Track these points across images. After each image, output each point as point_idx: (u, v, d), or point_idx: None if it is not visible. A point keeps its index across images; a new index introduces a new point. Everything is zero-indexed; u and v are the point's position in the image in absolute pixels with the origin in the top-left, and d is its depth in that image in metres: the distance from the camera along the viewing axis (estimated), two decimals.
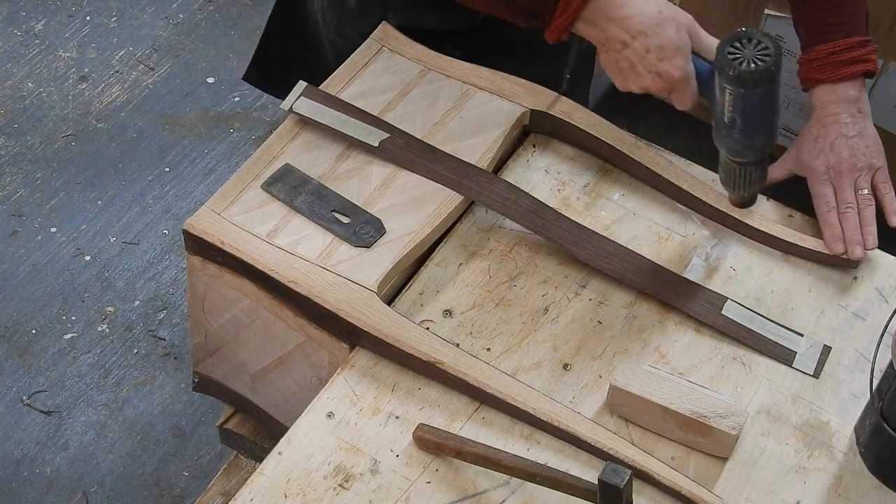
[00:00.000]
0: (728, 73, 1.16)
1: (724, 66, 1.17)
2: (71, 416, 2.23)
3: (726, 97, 1.19)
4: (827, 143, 1.41)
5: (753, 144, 1.24)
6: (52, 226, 2.52)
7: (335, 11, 1.61)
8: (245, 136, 2.71)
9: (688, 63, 1.26)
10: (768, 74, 1.16)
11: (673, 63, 1.25)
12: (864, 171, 1.40)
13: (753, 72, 1.15)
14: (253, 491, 1.16)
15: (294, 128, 1.42)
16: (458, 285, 1.33)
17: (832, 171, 1.40)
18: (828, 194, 1.39)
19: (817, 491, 1.19)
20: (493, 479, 1.17)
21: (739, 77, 1.16)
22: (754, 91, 1.17)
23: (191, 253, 1.34)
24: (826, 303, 1.34)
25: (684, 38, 1.25)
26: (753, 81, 1.16)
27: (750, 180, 1.29)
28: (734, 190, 1.31)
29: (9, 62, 2.83)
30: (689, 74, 1.26)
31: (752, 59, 1.16)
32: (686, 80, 1.26)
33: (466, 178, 1.37)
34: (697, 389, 1.22)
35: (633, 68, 1.27)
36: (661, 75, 1.26)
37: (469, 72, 1.48)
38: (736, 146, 1.24)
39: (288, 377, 1.39)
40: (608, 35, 1.26)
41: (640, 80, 1.27)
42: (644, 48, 1.25)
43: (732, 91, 1.18)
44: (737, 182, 1.30)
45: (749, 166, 1.27)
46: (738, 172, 1.28)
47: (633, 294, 1.33)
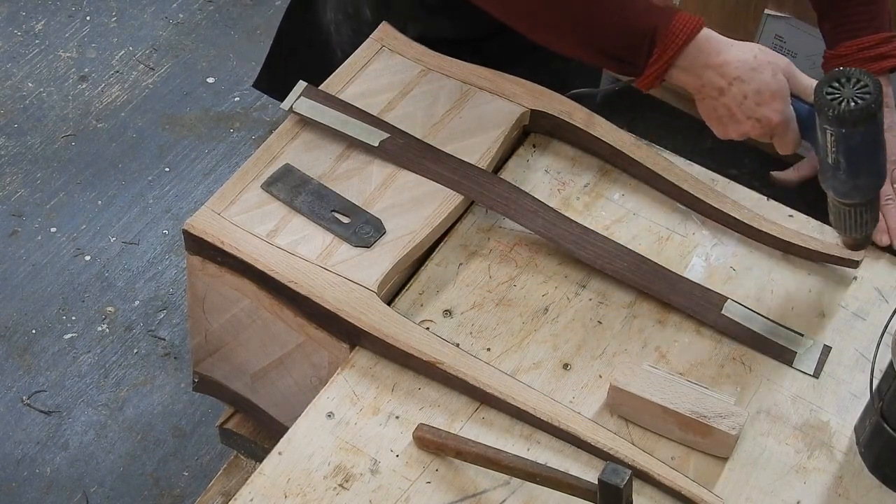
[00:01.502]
0: (828, 114, 1.15)
1: (824, 107, 1.15)
2: (71, 416, 2.23)
3: (828, 138, 1.17)
4: None
5: (860, 185, 1.22)
6: (52, 226, 2.52)
7: (350, 23, 1.61)
8: (245, 136, 2.72)
9: (787, 107, 1.25)
10: (869, 112, 1.15)
11: (772, 107, 1.24)
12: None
13: (854, 111, 1.14)
14: (253, 491, 1.16)
15: (294, 128, 1.42)
16: (458, 285, 1.33)
17: None
18: None
19: (817, 491, 1.19)
20: (493, 479, 1.17)
21: (840, 117, 1.15)
22: (856, 130, 1.16)
23: (191, 253, 1.34)
24: (826, 303, 1.34)
25: (781, 81, 1.24)
26: (854, 121, 1.15)
27: (861, 221, 1.27)
28: (846, 232, 1.30)
29: (9, 62, 2.83)
30: (789, 118, 1.25)
31: (851, 97, 1.14)
32: (786, 124, 1.25)
33: (466, 178, 1.37)
34: (697, 389, 1.22)
35: (732, 115, 1.26)
36: (760, 121, 1.25)
37: (469, 72, 1.48)
38: (843, 188, 1.22)
39: (288, 377, 1.39)
40: (704, 82, 1.25)
41: (740, 126, 1.26)
42: (741, 94, 1.24)
43: (834, 132, 1.16)
44: (847, 224, 1.28)
45: (858, 207, 1.25)
46: (848, 214, 1.26)
47: (633, 294, 1.33)
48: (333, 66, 1.67)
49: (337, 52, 1.68)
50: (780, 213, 1.42)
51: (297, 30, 1.74)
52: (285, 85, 1.74)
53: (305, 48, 1.74)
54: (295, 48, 1.76)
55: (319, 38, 1.70)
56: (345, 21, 1.62)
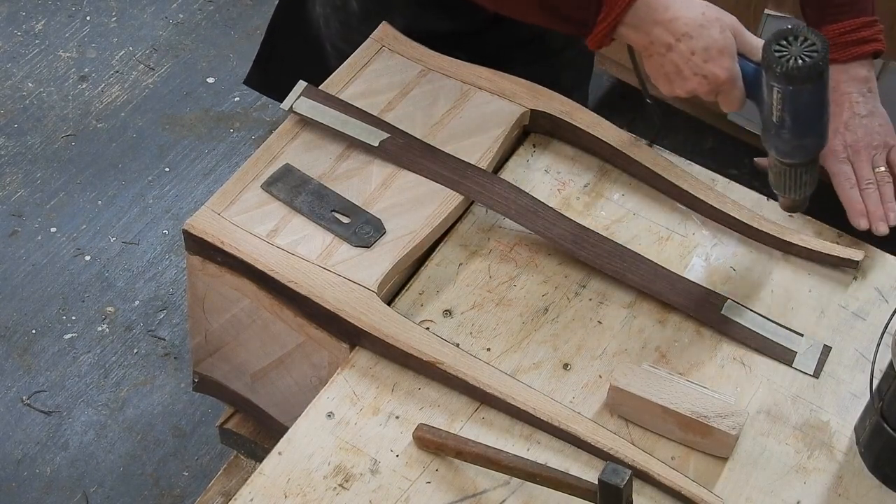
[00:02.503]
0: (775, 71, 1.16)
1: (772, 64, 1.16)
2: (71, 416, 2.23)
3: (774, 96, 1.18)
4: (841, 122, 1.41)
5: (803, 145, 1.23)
6: (52, 226, 2.52)
7: (338, 16, 1.61)
8: (245, 136, 2.71)
9: (734, 64, 1.25)
10: (816, 70, 1.15)
11: (719, 64, 1.24)
12: (880, 148, 1.40)
13: (801, 68, 1.15)
14: (253, 491, 1.16)
15: (294, 128, 1.42)
16: (458, 285, 1.33)
17: (850, 150, 1.40)
18: (847, 171, 1.39)
19: (817, 491, 1.19)
20: (493, 479, 1.17)
21: (787, 74, 1.15)
22: (803, 88, 1.17)
23: (191, 253, 1.34)
24: (826, 303, 1.34)
25: (729, 38, 1.25)
26: (801, 78, 1.15)
27: (800, 182, 1.28)
28: (784, 193, 1.31)
29: (9, 62, 2.83)
30: (736, 75, 1.25)
31: (799, 55, 1.15)
32: (732, 82, 1.25)
33: (466, 178, 1.37)
34: (697, 389, 1.22)
35: (679, 72, 1.26)
36: (706, 77, 1.25)
37: (469, 72, 1.48)
38: (785, 147, 1.23)
39: (288, 377, 1.39)
40: (652, 39, 1.26)
41: (686, 83, 1.27)
42: (689, 50, 1.24)
43: (780, 89, 1.17)
44: (787, 185, 1.29)
45: (799, 168, 1.26)
46: (788, 175, 1.27)
47: (633, 294, 1.33)
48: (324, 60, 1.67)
49: (326, 46, 1.68)
50: (780, 213, 1.42)
51: (287, 25, 1.74)
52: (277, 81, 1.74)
53: (296, 44, 1.74)
54: (285, 44, 1.76)
55: (310, 33, 1.70)
56: (333, 14, 1.62)
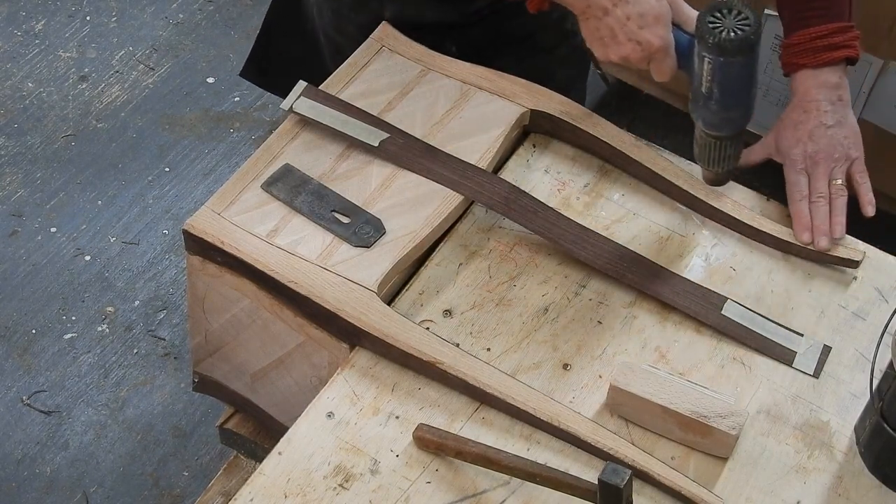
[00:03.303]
0: (708, 42, 1.18)
1: (704, 35, 1.18)
2: (71, 416, 2.23)
3: (705, 67, 1.20)
4: (806, 131, 1.41)
5: (730, 117, 1.25)
6: (52, 226, 2.52)
7: (331, 4, 1.61)
8: (245, 136, 2.71)
9: (668, 32, 1.26)
10: (748, 43, 1.17)
11: (653, 31, 1.25)
12: (841, 161, 1.40)
13: (733, 40, 1.17)
14: (253, 491, 1.16)
15: (294, 128, 1.42)
16: (458, 285, 1.33)
17: (809, 161, 1.41)
18: (801, 183, 1.40)
19: (817, 491, 1.19)
20: (493, 479, 1.17)
21: (719, 45, 1.17)
22: (733, 60, 1.18)
23: (191, 253, 1.34)
24: (826, 303, 1.34)
25: (665, 7, 1.26)
26: (733, 50, 1.17)
27: (724, 155, 1.30)
28: (708, 166, 1.32)
29: (9, 62, 2.83)
30: (669, 44, 1.27)
31: (732, 28, 1.17)
32: (665, 50, 1.27)
33: (466, 178, 1.37)
34: (697, 389, 1.22)
35: (614, 36, 1.27)
36: (640, 44, 1.26)
37: (469, 72, 1.48)
38: (713, 118, 1.25)
39: (288, 377, 1.39)
40: (589, 3, 1.27)
41: (620, 48, 1.28)
42: (625, 16, 1.25)
43: (711, 60, 1.19)
44: (711, 157, 1.31)
45: (724, 141, 1.28)
46: (714, 147, 1.29)
47: (633, 294, 1.33)
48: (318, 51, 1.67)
49: (320, 36, 1.68)
50: (780, 213, 1.42)
51: (283, 17, 1.75)
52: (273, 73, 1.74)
53: (291, 35, 1.74)
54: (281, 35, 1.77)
55: (305, 24, 1.71)
56: (326, 3, 1.62)
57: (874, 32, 2.01)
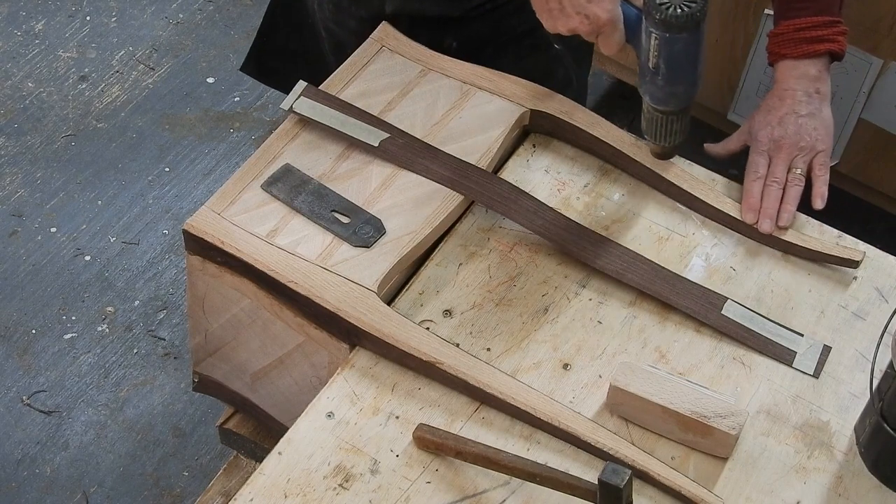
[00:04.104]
0: (655, 17, 1.19)
1: (651, 10, 1.19)
2: (71, 416, 2.23)
3: (652, 42, 1.22)
4: (777, 116, 1.42)
5: (676, 92, 1.26)
6: (52, 226, 2.52)
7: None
8: (245, 136, 2.71)
9: (615, 7, 1.27)
10: (694, 20, 1.19)
11: (601, 6, 1.26)
12: (805, 151, 1.41)
13: (680, 16, 1.18)
14: (253, 491, 1.16)
15: (294, 128, 1.42)
16: (458, 285, 1.33)
17: (773, 144, 1.42)
18: (760, 164, 1.41)
19: (817, 491, 1.19)
20: (493, 479, 1.17)
21: (665, 21, 1.19)
22: (679, 36, 1.20)
23: (191, 253, 1.34)
24: (826, 303, 1.34)
25: None
26: (679, 26, 1.19)
27: (671, 130, 1.31)
28: (655, 140, 1.34)
29: (9, 62, 2.83)
30: (617, 18, 1.28)
31: (679, 4, 1.18)
32: (613, 24, 1.28)
33: (466, 178, 1.37)
34: (697, 389, 1.22)
35: (562, 9, 1.28)
36: (588, 17, 1.27)
37: (469, 72, 1.48)
38: (659, 93, 1.27)
39: (288, 377, 1.39)
40: None
41: (569, 21, 1.29)
42: None
43: (658, 35, 1.20)
44: (658, 132, 1.32)
45: (671, 116, 1.30)
46: (661, 122, 1.31)
47: (633, 294, 1.33)
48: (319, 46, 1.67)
49: (321, 31, 1.68)
50: None
51: (282, 11, 1.75)
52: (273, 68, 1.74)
53: (292, 30, 1.75)
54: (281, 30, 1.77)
55: (305, 19, 1.71)
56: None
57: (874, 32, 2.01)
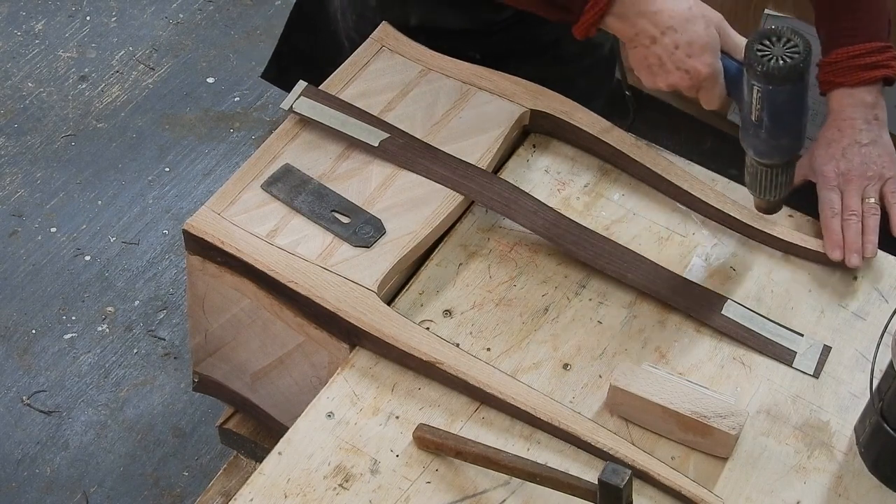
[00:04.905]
0: (756, 70, 1.17)
1: (753, 63, 1.17)
2: (71, 416, 2.23)
3: (754, 95, 1.19)
4: (839, 148, 1.40)
5: (780, 145, 1.24)
6: (52, 226, 2.52)
7: (355, 8, 1.61)
8: (245, 136, 2.71)
9: (716, 60, 1.26)
10: (797, 71, 1.17)
11: (701, 60, 1.25)
12: (874, 180, 1.39)
13: (782, 68, 1.16)
14: (253, 491, 1.16)
15: (294, 128, 1.42)
16: (458, 285, 1.33)
17: (841, 178, 1.39)
18: (834, 200, 1.39)
19: (817, 491, 1.19)
20: (493, 479, 1.17)
21: (768, 74, 1.17)
22: (782, 88, 1.18)
23: (191, 253, 1.34)
24: (826, 303, 1.34)
25: (713, 35, 1.26)
26: (782, 78, 1.17)
27: (776, 183, 1.29)
28: (760, 194, 1.31)
29: (9, 62, 2.83)
30: (718, 72, 1.26)
31: (781, 56, 1.16)
32: (714, 78, 1.26)
33: (466, 178, 1.37)
34: (697, 389, 1.22)
35: (662, 65, 1.27)
36: (689, 72, 1.26)
37: (469, 72, 1.48)
38: (763, 147, 1.24)
39: (288, 377, 1.39)
40: (637, 30, 1.26)
41: (669, 76, 1.27)
42: (673, 44, 1.25)
43: (761, 88, 1.18)
44: (762, 186, 1.30)
45: (775, 169, 1.27)
46: (765, 175, 1.28)
47: (633, 294, 1.33)
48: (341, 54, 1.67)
49: (343, 40, 1.67)
50: (781, 213, 1.42)
51: (305, 19, 1.74)
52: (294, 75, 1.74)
53: (313, 38, 1.74)
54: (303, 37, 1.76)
55: (328, 27, 1.70)
56: (349, 6, 1.62)
57: None
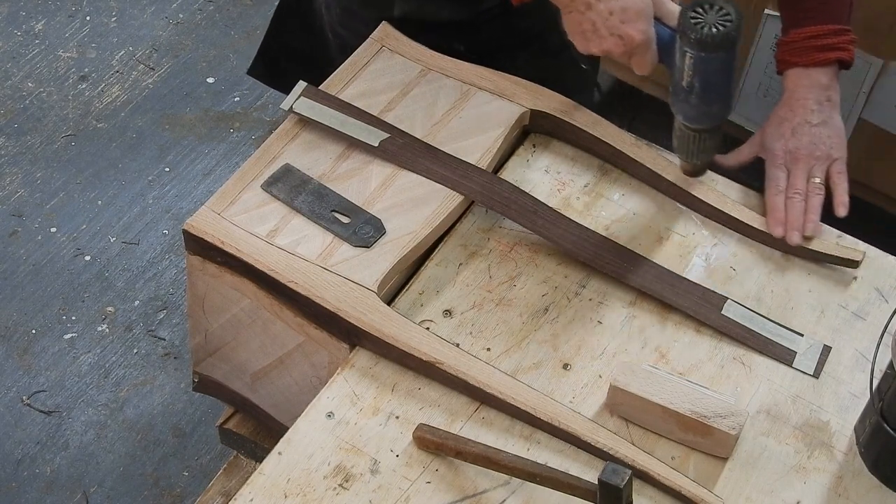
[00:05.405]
0: (689, 37, 1.20)
1: (686, 30, 1.20)
2: (71, 416, 2.23)
3: (686, 61, 1.22)
4: (790, 127, 1.42)
5: (710, 112, 1.27)
6: (52, 226, 2.52)
7: (339, 2, 1.61)
8: (245, 136, 2.71)
9: (649, 27, 1.28)
10: (729, 39, 1.19)
11: (635, 26, 1.27)
12: (822, 160, 1.41)
13: (715, 36, 1.19)
14: (253, 491, 1.16)
15: (294, 128, 1.42)
16: (458, 285, 1.33)
17: (789, 156, 1.42)
18: (780, 178, 1.41)
19: (817, 491, 1.19)
20: (493, 479, 1.17)
21: (700, 41, 1.19)
22: (714, 56, 1.21)
23: (191, 253, 1.34)
24: (826, 303, 1.34)
25: (647, 2, 1.28)
26: (714, 45, 1.19)
27: (703, 148, 1.32)
28: (687, 158, 1.35)
29: (9, 62, 2.83)
30: (650, 38, 1.28)
31: (713, 24, 1.19)
32: (647, 44, 1.28)
33: (466, 178, 1.37)
34: (697, 389, 1.22)
35: (596, 31, 1.28)
36: (622, 38, 1.27)
37: (469, 72, 1.48)
38: (692, 112, 1.27)
39: (288, 377, 1.39)
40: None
41: (602, 42, 1.29)
42: (607, 10, 1.27)
43: (693, 55, 1.21)
44: (690, 150, 1.33)
45: (703, 134, 1.30)
46: (693, 140, 1.31)
47: (633, 294, 1.33)
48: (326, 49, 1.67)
49: (328, 34, 1.68)
50: None
51: (290, 14, 1.75)
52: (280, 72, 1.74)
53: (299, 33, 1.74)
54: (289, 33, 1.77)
55: (314, 22, 1.71)
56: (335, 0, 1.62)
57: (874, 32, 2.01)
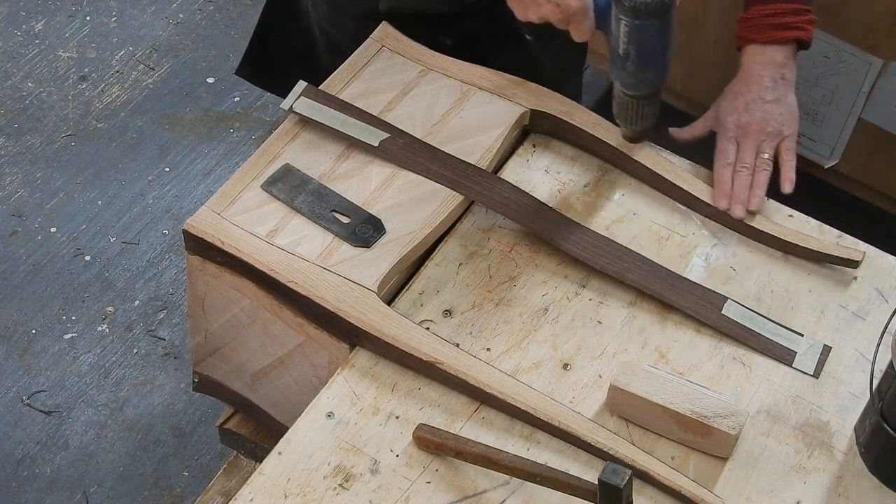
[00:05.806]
0: (624, 5, 1.21)
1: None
2: (71, 416, 2.23)
3: (621, 29, 1.24)
4: (743, 102, 1.44)
5: (646, 78, 1.29)
6: (52, 226, 2.52)
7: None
8: (245, 136, 2.71)
9: None
10: (663, 7, 1.21)
11: None
12: (772, 136, 1.42)
13: (649, 4, 1.21)
14: (253, 491, 1.16)
15: (294, 128, 1.42)
16: (458, 285, 1.33)
17: (740, 130, 1.43)
18: (729, 151, 1.43)
19: (817, 491, 1.19)
20: (493, 479, 1.17)
21: (635, 8, 1.21)
22: (649, 23, 1.22)
23: (191, 253, 1.34)
24: (826, 303, 1.34)
25: None
26: (648, 13, 1.21)
27: (642, 114, 1.34)
28: (627, 124, 1.37)
29: (9, 62, 2.83)
30: (587, 6, 1.30)
31: None
32: (584, 12, 1.30)
33: (466, 178, 1.37)
34: (697, 389, 1.22)
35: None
36: (559, 5, 1.29)
37: (469, 72, 1.48)
38: (629, 79, 1.29)
39: (288, 377, 1.39)
40: None
41: (540, 9, 1.30)
42: None
43: (628, 23, 1.23)
44: (629, 116, 1.35)
45: (641, 100, 1.32)
46: (631, 106, 1.33)
47: (633, 294, 1.33)
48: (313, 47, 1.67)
49: (315, 31, 1.68)
50: (780, 213, 1.42)
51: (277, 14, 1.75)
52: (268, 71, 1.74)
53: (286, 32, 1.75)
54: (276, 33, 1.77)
55: (300, 21, 1.71)
56: None
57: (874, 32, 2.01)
